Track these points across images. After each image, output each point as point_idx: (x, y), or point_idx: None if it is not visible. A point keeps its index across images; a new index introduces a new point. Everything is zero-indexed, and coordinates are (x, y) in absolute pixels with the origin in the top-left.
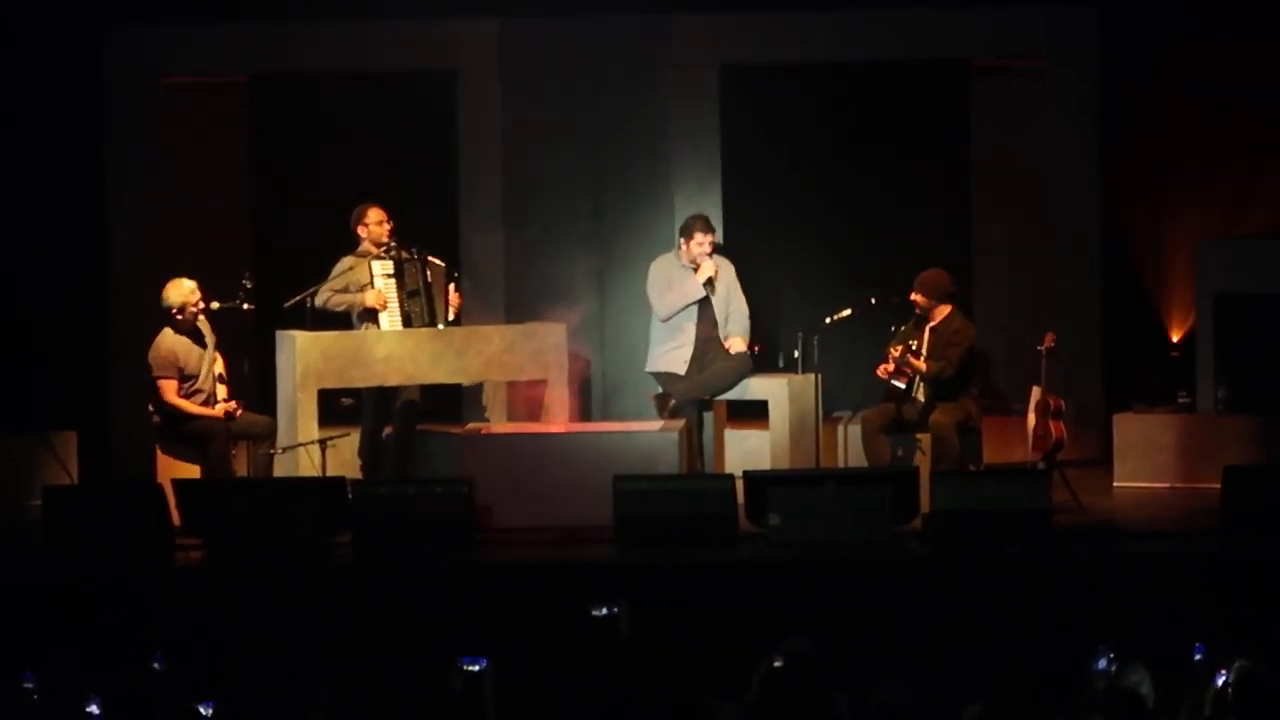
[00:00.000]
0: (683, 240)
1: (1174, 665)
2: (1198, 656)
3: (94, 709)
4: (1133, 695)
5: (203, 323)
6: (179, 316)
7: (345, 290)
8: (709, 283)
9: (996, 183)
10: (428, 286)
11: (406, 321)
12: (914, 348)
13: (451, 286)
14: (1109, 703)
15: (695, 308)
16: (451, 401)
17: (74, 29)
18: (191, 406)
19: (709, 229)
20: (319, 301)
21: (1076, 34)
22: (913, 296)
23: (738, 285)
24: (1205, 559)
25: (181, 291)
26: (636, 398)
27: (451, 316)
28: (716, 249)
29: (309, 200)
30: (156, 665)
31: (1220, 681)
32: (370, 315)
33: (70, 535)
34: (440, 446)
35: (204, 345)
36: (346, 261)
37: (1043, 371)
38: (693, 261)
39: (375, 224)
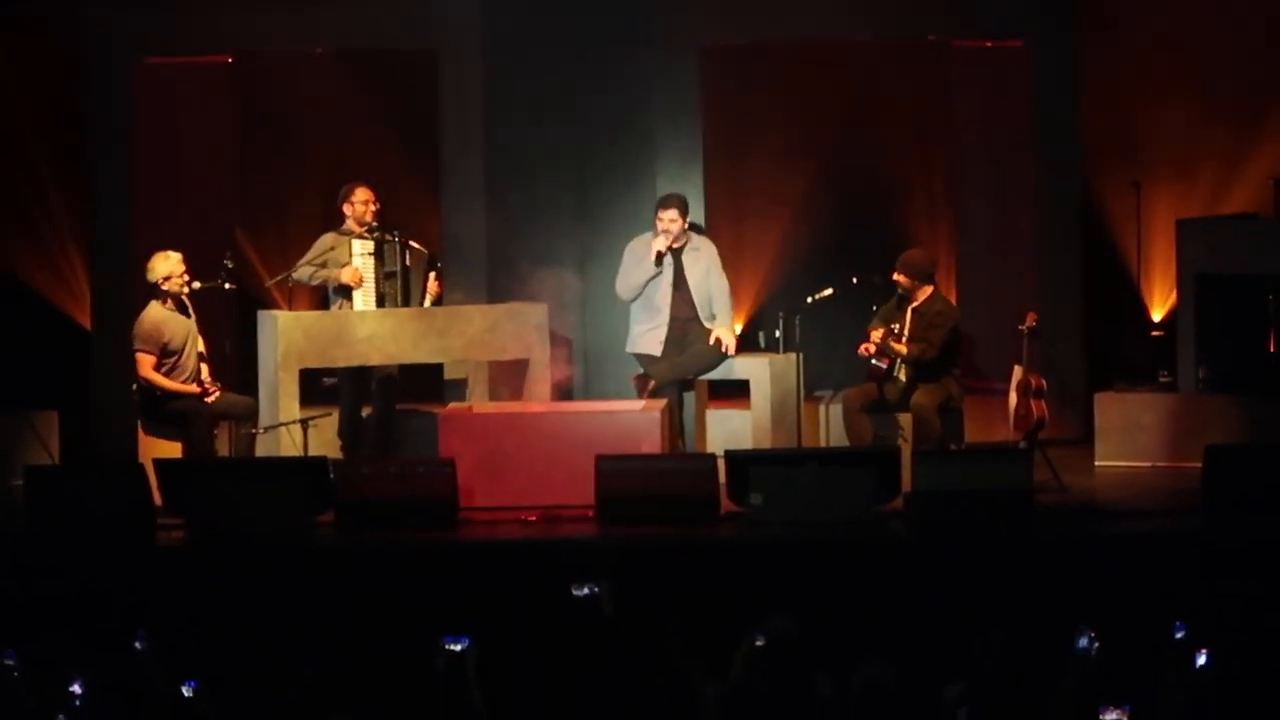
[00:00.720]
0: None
1: (1155, 644)
2: (1179, 635)
3: (76, 688)
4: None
5: (186, 300)
6: (164, 287)
7: (324, 266)
8: (659, 259)
9: (978, 162)
10: (405, 270)
11: (380, 302)
12: (896, 330)
13: (432, 275)
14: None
15: (669, 289)
16: (433, 381)
17: (56, 8)
18: (167, 382)
19: (669, 206)
20: (297, 276)
21: (1057, 13)
22: (895, 276)
23: (718, 265)
24: (1186, 538)
25: (169, 263)
26: (618, 378)
27: (428, 303)
28: (696, 229)
29: (292, 180)
30: (139, 645)
31: (1201, 660)
32: (345, 292)
33: (52, 515)
34: (422, 426)
35: (189, 319)
36: (328, 239)
37: (1024, 351)
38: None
39: (361, 203)
